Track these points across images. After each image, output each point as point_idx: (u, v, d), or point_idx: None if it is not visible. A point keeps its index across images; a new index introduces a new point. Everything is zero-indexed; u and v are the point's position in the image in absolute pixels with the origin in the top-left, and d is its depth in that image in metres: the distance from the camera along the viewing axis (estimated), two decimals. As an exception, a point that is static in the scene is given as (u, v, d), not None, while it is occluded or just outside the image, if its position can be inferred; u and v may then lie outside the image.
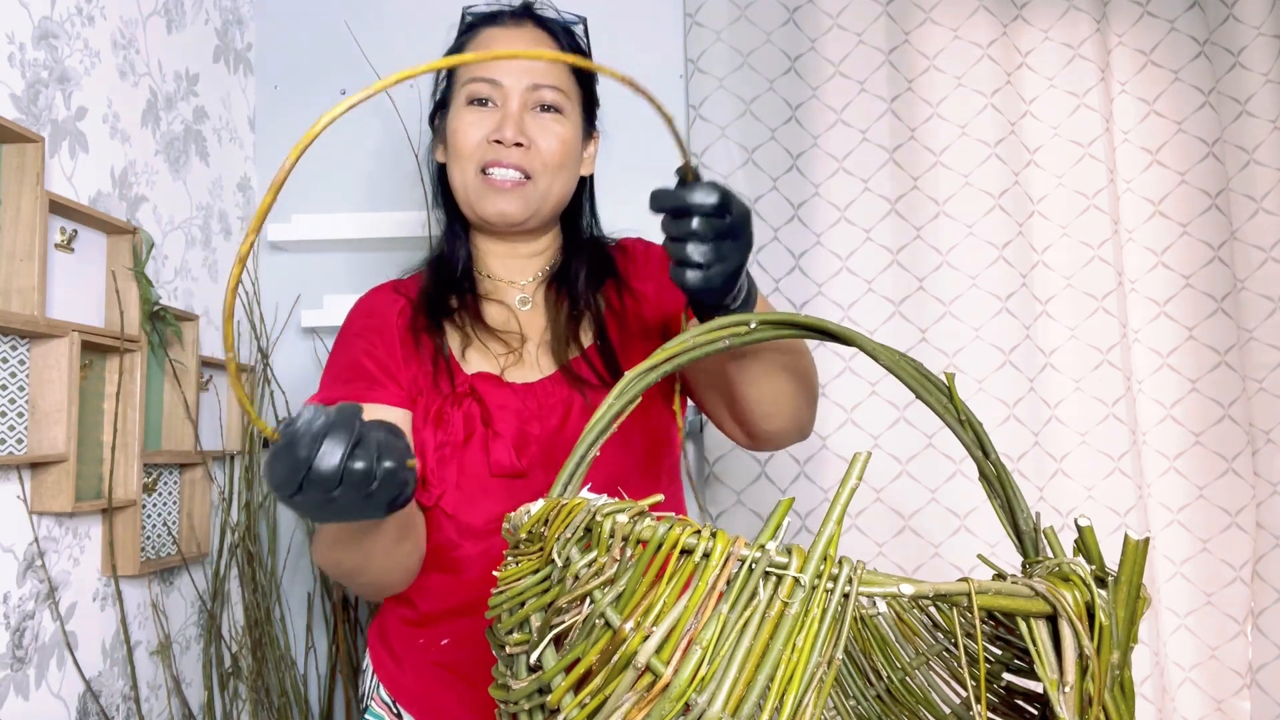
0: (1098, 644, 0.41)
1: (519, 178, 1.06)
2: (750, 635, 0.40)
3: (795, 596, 0.40)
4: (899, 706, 0.82)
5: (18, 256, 1.13)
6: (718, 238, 0.78)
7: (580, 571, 0.47)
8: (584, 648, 0.45)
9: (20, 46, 1.18)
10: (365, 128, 1.82)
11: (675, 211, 0.79)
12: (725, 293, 0.82)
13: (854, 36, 1.77)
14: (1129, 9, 1.80)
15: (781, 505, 0.42)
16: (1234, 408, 1.70)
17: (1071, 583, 0.42)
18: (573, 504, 0.50)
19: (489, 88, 1.07)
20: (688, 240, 0.78)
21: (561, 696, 0.46)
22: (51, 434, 1.18)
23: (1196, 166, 1.76)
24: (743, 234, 0.81)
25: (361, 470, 0.68)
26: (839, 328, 0.67)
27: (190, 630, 1.56)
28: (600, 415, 0.66)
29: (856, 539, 1.68)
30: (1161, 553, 1.71)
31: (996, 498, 0.62)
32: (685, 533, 0.43)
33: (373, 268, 1.81)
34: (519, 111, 1.06)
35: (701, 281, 0.79)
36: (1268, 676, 1.63)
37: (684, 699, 0.40)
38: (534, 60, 1.07)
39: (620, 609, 0.44)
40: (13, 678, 1.14)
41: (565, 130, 1.08)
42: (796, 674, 0.39)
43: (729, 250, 0.80)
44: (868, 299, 1.73)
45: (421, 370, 1.06)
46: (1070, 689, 0.40)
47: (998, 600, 0.40)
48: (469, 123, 1.07)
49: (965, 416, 0.64)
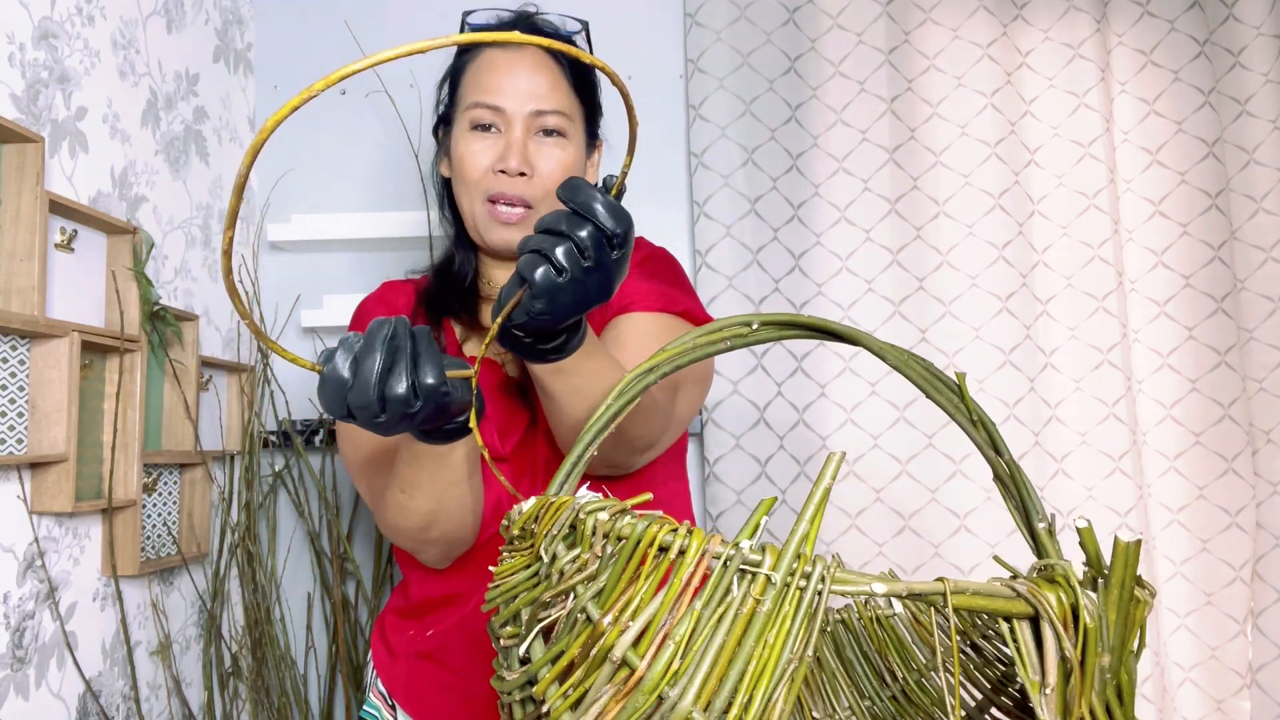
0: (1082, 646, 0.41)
1: (522, 210, 1.08)
2: (723, 631, 0.41)
3: (767, 594, 0.40)
4: (914, 708, 0.82)
5: (18, 256, 1.13)
6: (595, 261, 0.72)
7: (565, 567, 0.48)
8: (567, 641, 0.46)
9: (20, 46, 1.18)
10: (365, 128, 1.83)
11: (576, 209, 0.73)
12: (564, 315, 0.75)
13: (854, 36, 1.77)
14: (1129, 9, 1.79)
15: (762, 505, 0.42)
16: (1234, 408, 1.70)
17: (1056, 584, 0.43)
18: (560, 502, 0.50)
19: (492, 114, 1.08)
20: (565, 240, 0.72)
21: (546, 688, 0.47)
22: (51, 434, 1.19)
23: (1196, 166, 1.76)
24: (612, 277, 0.75)
25: (401, 395, 0.70)
26: (844, 328, 0.66)
27: (190, 630, 1.56)
28: (599, 415, 0.66)
29: (856, 539, 1.68)
30: (1161, 553, 1.71)
31: (1011, 498, 0.61)
32: (663, 530, 0.44)
33: (373, 268, 1.82)
34: (522, 138, 1.07)
35: (551, 287, 0.72)
36: (1268, 676, 1.63)
37: (657, 691, 0.41)
38: (536, 81, 1.08)
39: (601, 604, 0.45)
40: (13, 678, 1.14)
41: (568, 155, 1.10)
42: (767, 670, 0.39)
43: (593, 280, 0.73)
44: (868, 299, 1.73)
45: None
46: (1051, 691, 0.40)
47: (975, 600, 0.40)
48: (474, 150, 1.08)
49: (978, 416, 0.63)
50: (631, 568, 0.45)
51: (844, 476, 1.69)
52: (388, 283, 1.23)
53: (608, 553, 0.45)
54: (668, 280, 1.11)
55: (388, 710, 1.09)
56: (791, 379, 1.71)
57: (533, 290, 0.72)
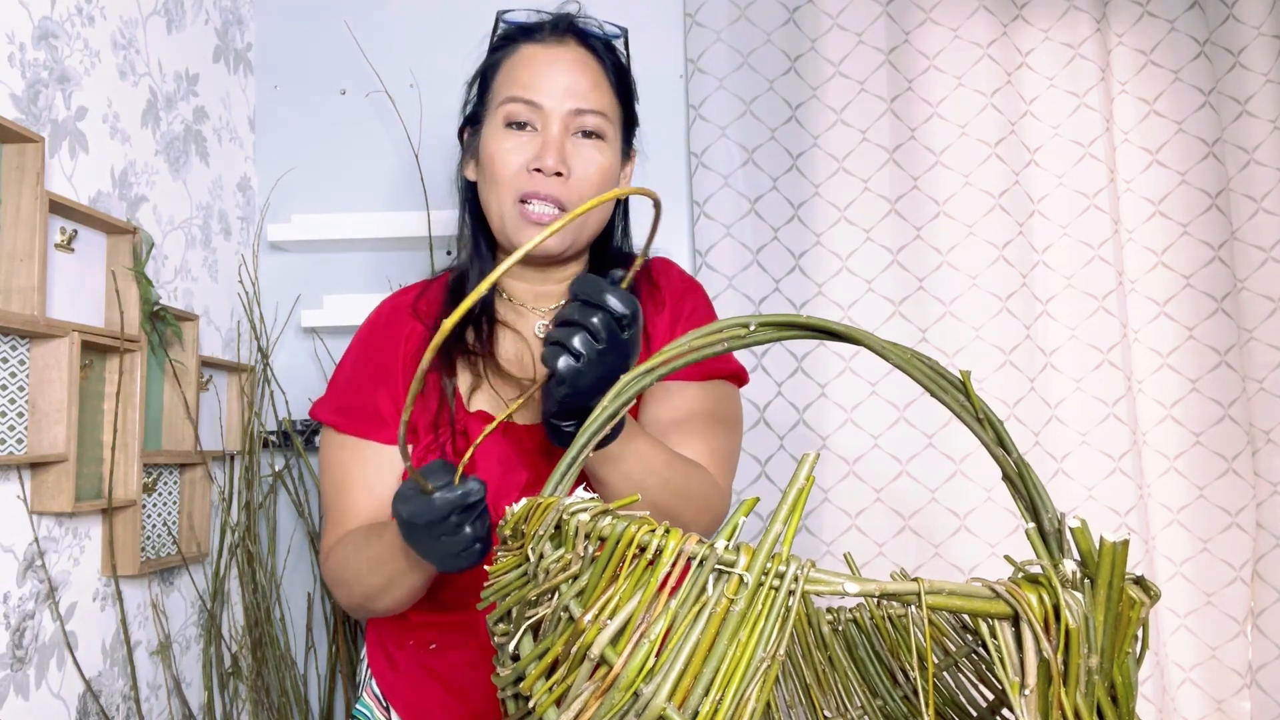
0: (1064, 647, 0.41)
1: (556, 213, 1.02)
2: (698, 630, 0.41)
3: (741, 594, 0.41)
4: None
5: (18, 256, 1.14)
6: (608, 343, 0.80)
7: (550, 566, 0.48)
8: (552, 639, 0.47)
9: (20, 46, 1.19)
10: (365, 128, 1.83)
11: (587, 302, 0.81)
12: (590, 396, 0.80)
13: (854, 36, 1.77)
14: (1129, 9, 1.79)
15: (743, 505, 0.42)
16: (1234, 408, 1.70)
17: (1040, 584, 0.43)
18: (546, 503, 0.51)
19: (529, 110, 1.03)
20: (580, 330, 0.80)
21: (533, 684, 0.48)
22: (51, 434, 1.19)
23: (1196, 166, 1.75)
24: (627, 354, 0.82)
25: (481, 550, 0.83)
26: (845, 328, 0.66)
27: (190, 630, 1.57)
28: (596, 416, 0.66)
29: (856, 539, 1.68)
30: (1161, 553, 1.71)
31: (1020, 497, 0.61)
32: (641, 531, 0.44)
33: (373, 268, 1.82)
34: (560, 137, 1.02)
35: (572, 373, 0.79)
36: (1268, 676, 1.63)
37: (632, 688, 0.42)
38: (576, 78, 1.04)
39: (582, 602, 0.45)
40: (13, 678, 1.14)
41: (605, 158, 1.05)
42: (740, 669, 0.40)
43: (610, 360, 0.80)
44: (868, 299, 1.73)
45: (424, 409, 1.05)
46: (1031, 692, 0.40)
47: (951, 601, 0.41)
48: (507, 149, 1.03)
49: (984, 414, 0.63)
50: (612, 567, 0.45)
51: (844, 476, 1.69)
52: (394, 303, 1.15)
53: (589, 553, 0.46)
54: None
55: (381, 711, 1.08)
56: (792, 379, 1.71)
57: (558, 378, 0.80)
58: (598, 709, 0.42)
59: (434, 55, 1.83)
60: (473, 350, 1.07)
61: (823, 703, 0.84)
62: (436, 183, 1.75)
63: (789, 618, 0.39)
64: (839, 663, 0.85)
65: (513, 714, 0.53)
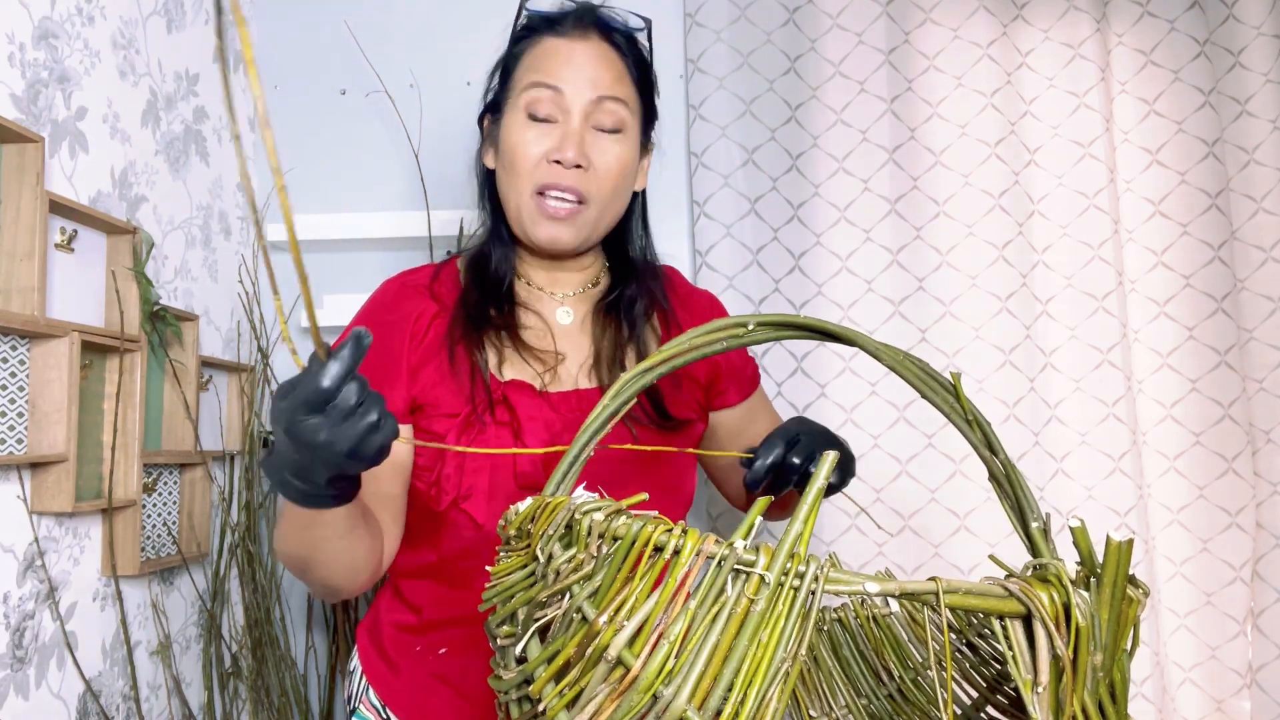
0: (1074, 645, 0.41)
1: (574, 205, 1.03)
2: (718, 631, 0.41)
3: (761, 594, 0.40)
4: (910, 706, 0.82)
5: (18, 256, 1.13)
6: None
7: (561, 567, 0.48)
8: (563, 640, 0.46)
9: (20, 46, 1.18)
10: (365, 127, 1.83)
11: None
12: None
13: (854, 36, 1.77)
14: (1129, 9, 1.79)
15: (757, 504, 0.42)
16: (1234, 408, 1.70)
17: (1049, 583, 0.43)
18: (556, 502, 0.50)
19: (551, 96, 1.03)
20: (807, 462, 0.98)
21: (542, 687, 0.47)
22: (51, 434, 1.19)
23: (1196, 166, 1.75)
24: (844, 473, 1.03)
25: (390, 430, 0.72)
26: (840, 328, 0.66)
27: (190, 630, 1.56)
28: (596, 415, 0.67)
29: (856, 539, 1.68)
30: (1161, 553, 1.71)
31: (1006, 498, 0.61)
32: (658, 530, 0.44)
33: (373, 268, 1.82)
34: (580, 129, 1.02)
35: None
36: (1268, 676, 1.63)
37: (651, 690, 0.41)
38: (599, 69, 1.04)
39: (596, 603, 0.45)
40: (13, 678, 1.14)
41: (625, 151, 1.05)
42: (761, 669, 0.39)
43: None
44: (868, 299, 1.73)
45: (457, 387, 1.03)
46: (1044, 690, 0.40)
47: (967, 600, 0.41)
48: (527, 140, 1.03)
49: (973, 416, 0.63)
50: (627, 567, 0.45)
51: (844, 476, 1.69)
52: (404, 281, 1.14)
53: (603, 553, 0.45)
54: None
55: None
56: (791, 379, 1.71)
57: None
58: (614, 711, 0.42)
59: (434, 55, 1.83)
60: (498, 325, 1.07)
61: (808, 702, 0.85)
62: (436, 183, 1.75)
63: (809, 617, 0.39)
64: (824, 662, 0.85)
65: (516, 718, 0.52)
